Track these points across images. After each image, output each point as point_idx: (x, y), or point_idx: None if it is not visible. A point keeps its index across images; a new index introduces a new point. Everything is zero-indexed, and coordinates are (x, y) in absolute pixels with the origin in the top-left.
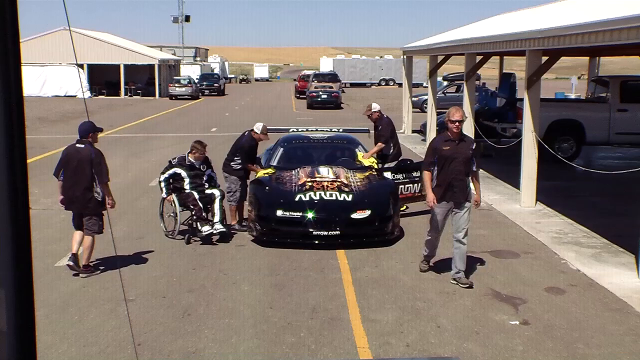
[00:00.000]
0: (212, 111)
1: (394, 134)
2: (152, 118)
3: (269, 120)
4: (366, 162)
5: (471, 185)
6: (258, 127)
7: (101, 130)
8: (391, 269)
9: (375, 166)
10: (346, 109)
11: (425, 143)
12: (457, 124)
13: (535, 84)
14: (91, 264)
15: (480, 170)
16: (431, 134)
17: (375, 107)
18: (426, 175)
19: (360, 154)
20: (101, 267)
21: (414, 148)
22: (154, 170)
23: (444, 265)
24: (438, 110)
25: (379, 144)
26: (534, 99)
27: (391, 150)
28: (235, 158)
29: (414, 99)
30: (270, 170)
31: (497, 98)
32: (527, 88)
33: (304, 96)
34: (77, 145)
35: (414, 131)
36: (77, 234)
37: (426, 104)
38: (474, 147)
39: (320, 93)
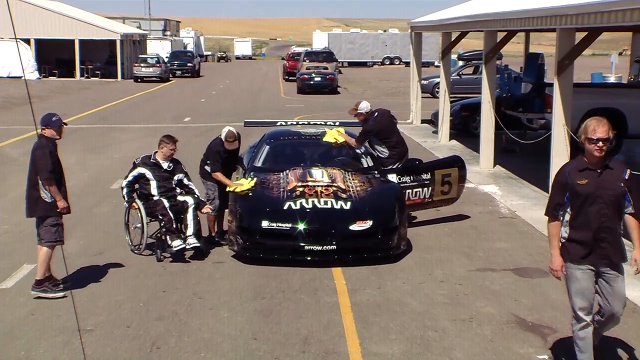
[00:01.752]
0: (185, 96)
1: (387, 135)
2: (113, 105)
3: (253, 107)
4: (335, 136)
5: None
6: (223, 133)
7: (60, 126)
8: (397, 290)
9: (338, 142)
10: (343, 94)
11: (436, 136)
12: (600, 144)
13: (567, 68)
14: (59, 284)
15: (502, 168)
16: (444, 125)
17: (364, 107)
18: (552, 227)
19: (338, 130)
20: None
21: (424, 142)
22: (117, 169)
23: (461, 287)
24: (452, 96)
25: (355, 141)
26: (565, 86)
27: (387, 153)
28: (208, 162)
29: (423, 82)
30: (249, 185)
31: (522, 83)
32: (557, 74)
33: (294, 78)
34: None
35: (423, 121)
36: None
37: (438, 88)
38: (627, 177)
39: (313, 75)
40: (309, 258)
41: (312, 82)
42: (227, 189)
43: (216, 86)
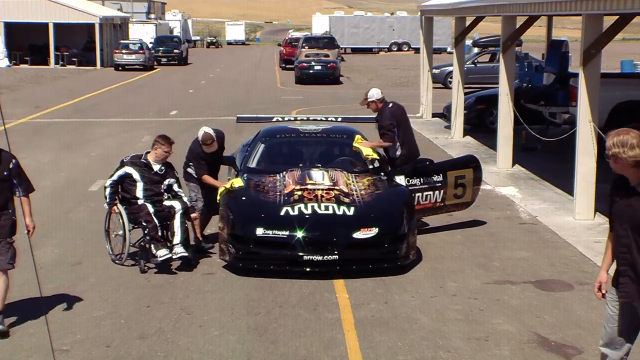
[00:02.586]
0: (171, 87)
1: (403, 127)
2: (91, 96)
3: (247, 99)
4: (363, 150)
5: None
6: (199, 135)
7: None
8: (405, 305)
9: (374, 156)
10: (347, 84)
11: (449, 131)
12: None
13: (594, 58)
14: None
15: (522, 168)
16: (457, 119)
17: (374, 94)
18: (610, 237)
19: (358, 138)
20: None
21: (435, 138)
22: (95, 168)
23: (476, 301)
24: (466, 87)
25: (382, 140)
26: (592, 77)
27: (398, 152)
28: (191, 163)
29: (434, 71)
30: (237, 183)
31: (544, 73)
32: (582, 64)
33: (292, 66)
34: None
35: (434, 115)
36: None
37: (451, 78)
38: None
39: (313, 63)
40: (308, 269)
41: (311, 71)
42: (220, 191)
43: (206, 75)
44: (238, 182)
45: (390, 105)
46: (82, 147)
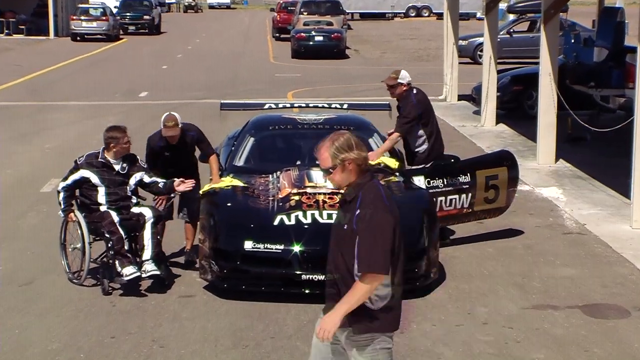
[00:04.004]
0: (140, 61)
1: (428, 119)
2: (44, 73)
3: (233, 77)
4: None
5: None
6: (163, 117)
7: None
8: (425, 336)
9: (395, 164)
10: (354, 59)
11: (479, 118)
12: None
13: None
14: None
15: (568, 164)
16: (488, 103)
17: (406, 76)
18: None
19: None
20: None
21: (461, 127)
22: (50, 164)
23: (511, 330)
24: (500, 62)
25: (392, 136)
26: None
27: (424, 147)
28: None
29: (461, 42)
30: (227, 182)
31: (595, 47)
32: None
33: (287, 36)
34: None
35: (461, 97)
36: None
37: (481, 52)
38: None
39: (313, 33)
40: (307, 291)
41: (311, 43)
42: (202, 191)
43: (183, 47)
44: (229, 182)
45: (415, 91)
46: (34, 137)
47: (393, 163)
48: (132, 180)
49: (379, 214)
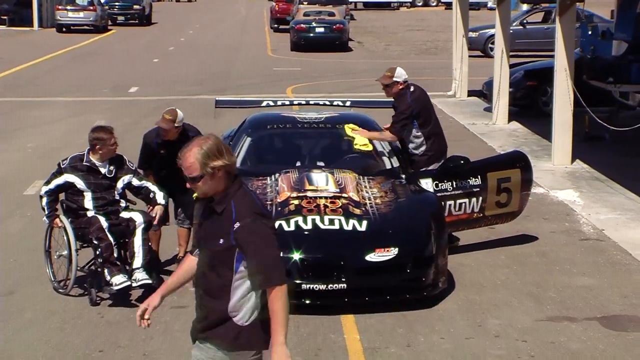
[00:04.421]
0: (130, 54)
1: (426, 119)
2: (27, 67)
3: (228, 71)
4: (357, 140)
5: None
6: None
7: None
8: (433, 349)
9: (368, 147)
10: (358, 51)
11: (490, 115)
12: None
13: None
14: None
15: (585, 165)
16: (500, 99)
17: (402, 74)
18: None
19: (353, 127)
20: None
21: (471, 125)
22: (33, 165)
23: (525, 344)
24: (513, 56)
25: (388, 133)
26: None
27: (422, 148)
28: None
29: (471, 34)
30: None
31: (614, 40)
32: None
33: (286, 27)
34: None
35: (471, 93)
36: None
37: (492, 44)
38: None
39: (314, 24)
40: (307, 301)
41: (311, 35)
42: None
43: (175, 39)
44: None
45: (412, 89)
46: (16, 136)
47: (361, 141)
48: (120, 184)
49: (261, 222)
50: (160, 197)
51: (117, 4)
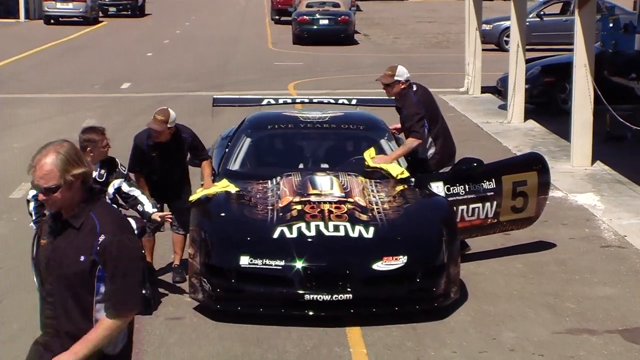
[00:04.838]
0: (122, 48)
1: (432, 120)
2: (13, 61)
3: (225, 66)
4: (390, 170)
5: None
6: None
7: None
8: None
9: (406, 173)
10: (364, 45)
11: (505, 113)
12: None
13: None
14: None
15: (605, 166)
16: (516, 96)
17: (404, 72)
18: None
19: (370, 153)
20: None
21: (485, 124)
22: (20, 166)
23: (542, 358)
24: (529, 50)
25: (410, 140)
26: None
27: (431, 151)
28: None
29: (485, 27)
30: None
31: (637, 34)
32: None
33: (288, 19)
34: None
35: (484, 89)
36: None
37: (507, 37)
38: None
39: (317, 16)
40: (311, 313)
41: (315, 27)
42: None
43: (170, 31)
44: (223, 186)
45: (415, 88)
46: (1, 135)
47: (396, 170)
48: (111, 189)
49: (128, 239)
50: (149, 207)
51: None
